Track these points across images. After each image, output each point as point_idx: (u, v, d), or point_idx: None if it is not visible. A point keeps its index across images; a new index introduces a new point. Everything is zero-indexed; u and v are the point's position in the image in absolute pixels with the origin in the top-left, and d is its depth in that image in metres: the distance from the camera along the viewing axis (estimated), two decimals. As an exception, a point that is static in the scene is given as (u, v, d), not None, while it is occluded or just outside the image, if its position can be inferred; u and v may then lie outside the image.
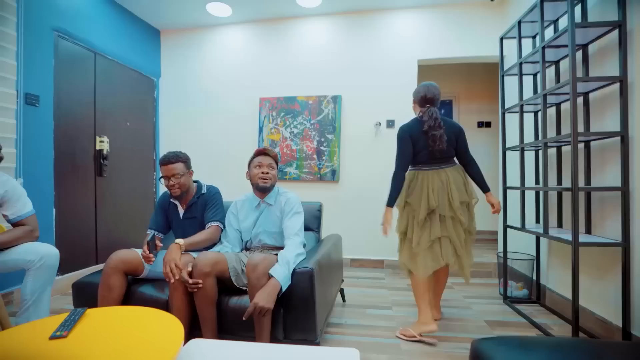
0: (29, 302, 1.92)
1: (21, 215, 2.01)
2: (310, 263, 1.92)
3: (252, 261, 1.81)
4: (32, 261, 1.94)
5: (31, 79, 2.80)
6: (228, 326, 1.90)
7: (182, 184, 2.15)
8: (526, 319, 2.55)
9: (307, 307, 1.84)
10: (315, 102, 4.01)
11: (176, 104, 4.43)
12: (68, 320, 1.38)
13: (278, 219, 2.16)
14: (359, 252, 3.96)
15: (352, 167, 4.00)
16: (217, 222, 2.18)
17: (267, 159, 2.19)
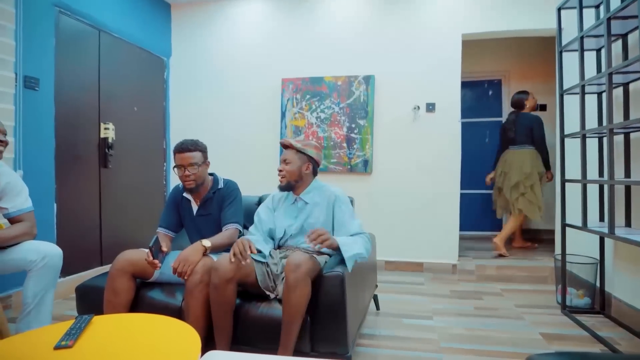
0: (31, 306, 1.95)
1: (21, 209, 2.05)
2: (340, 266, 1.89)
3: (293, 260, 1.77)
4: (34, 261, 1.96)
5: (31, 60, 2.84)
6: (247, 337, 1.89)
7: (198, 176, 2.14)
8: (588, 331, 2.51)
9: (337, 315, 1.81)
10: (345, 84, 3.98)
11: (188, 86, 4.45)
12: (73, 328, 1.38)
13: (320, 218, 2.12)
14: (395, 253, 3.95)
15: (386, 156, 3.97)
16: (236, 224, 2.16)
17: (286, 152, 2.17)
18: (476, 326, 2.59)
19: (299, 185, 2.17)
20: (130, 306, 1.96)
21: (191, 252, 1.92)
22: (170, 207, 2.31)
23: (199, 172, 2.14)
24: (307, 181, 2.18)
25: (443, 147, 3.87)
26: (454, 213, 3.85)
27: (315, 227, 2.07)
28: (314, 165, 2.20)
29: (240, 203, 2.25)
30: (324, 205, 2.14)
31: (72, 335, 1.32)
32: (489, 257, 3.99)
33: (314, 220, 2.13)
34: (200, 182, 2.16)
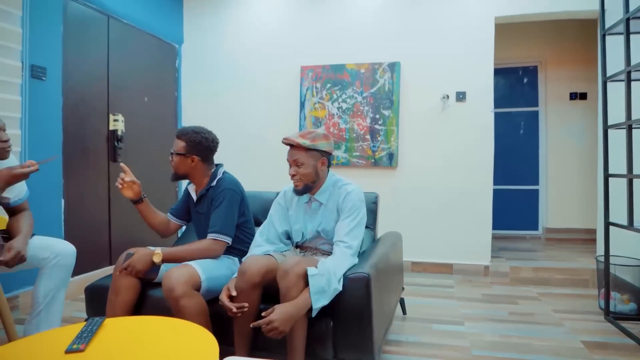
0: (41, 306, 1.98)
1: (22, 197, 2.10)
2: (365, 267, 1.86)
3: (283, 265, 1.76)
4: (47, 258, 1.99)
5: (38, 48, 2.87)
6: (266, 342, 1.87)
7: (175, 165, 2.15)
8: (635, 340, 2.46)
9: (361, 320, 1.79)
10: (369, 71, 3.96)
11: (201, 75, 4.48)
12: (85, 331, 1.39)
13: (331, 223, 2.06)
14: (422, 253, 3.93)
15: (413, 149, 3.95)
16: (217, 234, 2.06)
17: (293, 153, 2.02)
18: (511, 333, 2.56)
19: (316, 185, 2.06)
20: (134, 307, 1.98)
21: (137, 258, 1.93)
22: (183, 196, 2.36)
23: (175, 161, 2.14)
24: (323, 178, 2.07)
25: (474, 139, 3.82)
26: (486, 210, 3.80)
27: (328, 233, 2.06)
28: (328, 158, 2.07)
29: (229, 207, 2.10)
30: (335, 205, 2.05)
31: (84, 338, 1.33)
32: (524, 258, 3.93)
33: (327, 224, 2.06)
34: (179, 173, 2.17)
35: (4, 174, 1.84)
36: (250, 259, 1.85)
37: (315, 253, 2.11)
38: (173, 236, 2.70)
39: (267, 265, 1.85)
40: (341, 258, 1.88)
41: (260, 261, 1.85)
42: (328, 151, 2.03)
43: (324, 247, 2.10)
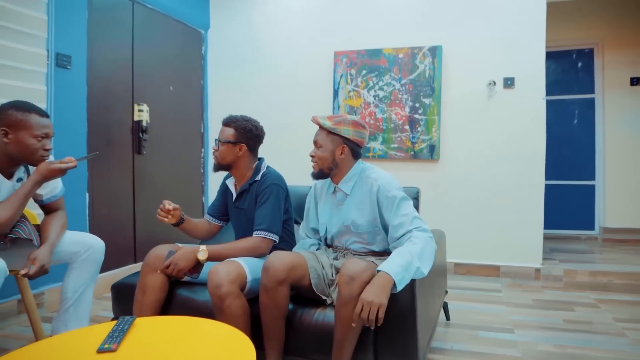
0: (70, 302, 2.04)
1: (55, 195, 2.14)
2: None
3: (348, 270, 1.72)
4: (78, 253, 2.06)
5: (63, 36, 2.94)
6: (298, 346, 1.88)
7: (220, 155, 2.16)
8: None
9: (406, 326, 1.76)
10: (408, 56, 3.92)
11: (228, 62, 4.52)
12: (116, 330, 1.42)
13: (365, 212, 2.02)
14: (466, 254, 3.88)
15: (456, 140, 3.90)
16: (264, 231, 2.08)
17: (316, 133, 2.05)
18: (567, 343, 2.49)
19: (335, 173, 2.04)
20: (162, 306, 2.01)
21: (180, 256, 1.94)
22: (219, 193, 2.38)
23: (220, 150, 2.15)
24: (345, 167, 2.04)
25: (524, 129, 3.73)
26: (537, 208, 3.71)
27: (360, 227, 2.01)
28: (353, 148, 2.03)
29: (276, 203, 2.12)
30: (366, 197, 2.01)
31: (115, 338, 1.36)
32: (579, 260, 3.83)
33: (357, 217, 2.01)
34: (223, 163, 2.17)
35: (42, 169, 1.89)
36: (274, 254, 1.85)
37: (345, 254, 2.08)
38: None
39: (292, 262, 1.84)
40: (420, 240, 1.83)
41: (285, 257, 1.85)
42: (353, 140, 2.00)
43: (355, 247, 2.07)
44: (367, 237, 2.03)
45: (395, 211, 1.92)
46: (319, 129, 2.04)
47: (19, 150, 1.86)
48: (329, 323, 1.82)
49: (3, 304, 2.63)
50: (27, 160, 1.92)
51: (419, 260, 1.76)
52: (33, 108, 1.90)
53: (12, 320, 2.70)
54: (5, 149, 1.86)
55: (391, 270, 1.68)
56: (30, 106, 1.90)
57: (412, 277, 1.73)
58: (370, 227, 2.00)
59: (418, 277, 1.76)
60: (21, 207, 1.87)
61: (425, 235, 1.87)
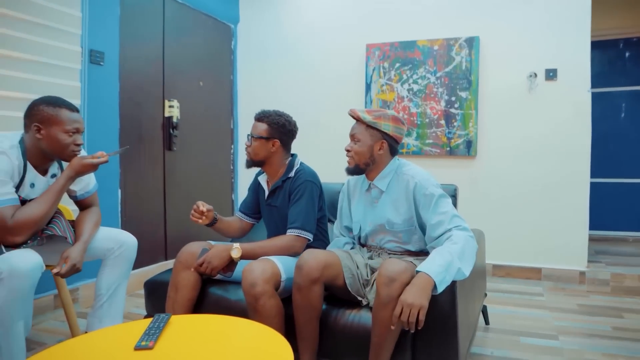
0: (104, 298, 2.10)
1: (89, 191, 2.20)
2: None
3: (387, 271, 1.71)
4: (111, 249, 2.11)
5: (96, 32, 3.03)
6: (332, 348, 1.88)
7: (252, 150, 2.17)
8: None
9: (446, 330, 1.74)
10: (443, 48, 3.89)
11: (257, 57, 4.55)
12: (152, 328, 1.45)
13: (401, 210, 2.00)
14: (505, 256, 3.82)
15: (495, 136, 3.85)
16: (298, 229, 2.09)
17: (354, 127, 2.04)
18: (617, 352, 2.41)
19: (371, 169, 2.03)
20: (194, 304, 2.04)
21: (214, 254, 1.96)
22: (251, 190, 2.40)
23: (253, 145, 2.16)
24: (382, 163, 2.02)
25: (568, 123, 3.64)
26: (582, 207, 3.61)
27: (395, 225, 1.99)
28: (391, 143, 2.02)
29: (310, 201, 2.13)
30: (402, 194, 1.99)
31: (152, 335, 1.39)
32: (628, 264, 3.71)
33: (393, 215, 2.00)
34: (255, 159, 2.18)
35: (74, 164, 1.94)
36: (307, 252, 1.85)
37: (380, 253, 2.07)
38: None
39: (326, 260, 1.84)
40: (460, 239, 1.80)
41: (319, 255, 1.84)
42: (393, 136, 1.99)
43: (390, 246, 2.05)
44: (402, 236, 2.01)
45: (433, 209, 1.89)
46: (357, 123, 2.02)
47: (51, 145, 1.91)
48: (364, 325, 1.81)
49: (40, 299, 2.73)
50: (59, 156, 1.97)
51: (459, 261, 1.73)
52: (63, 103, 1.94)
53: (49, 315, 2.80)
54: (39, 145, 1.91)
55: (431, 271, 1.66)
56: (60, 101, 1.94)
57: (453, 278, 1.71)
58: (406, 225, 1.98)
59: (459, 278, 1.73)
60: (55, 203, 1.92)
61: (466, 234, 1.84)
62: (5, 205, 1.78)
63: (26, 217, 1.82)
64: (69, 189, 2.09)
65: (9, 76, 2.50)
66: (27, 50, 2.58)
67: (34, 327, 2.61)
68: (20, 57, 2.55)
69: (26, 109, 1.91)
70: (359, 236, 2.16)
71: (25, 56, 2.57)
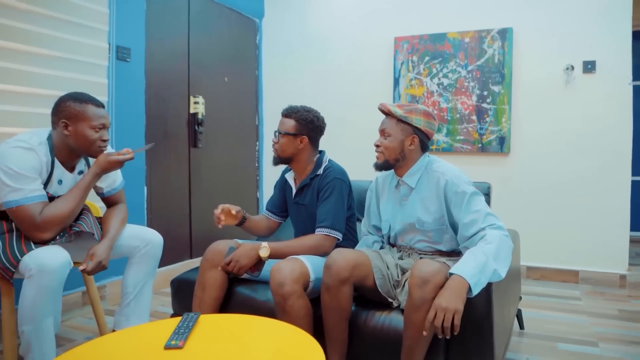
0: (131, 297, 2.14)
1: (115, 188, 2.24)
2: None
3: (420, 272, 1.69)
4: (137, 247, 2.15)
5: (123, 28, 3.09)
6: (361, 351, 1.87)
7: (280, 147, 2.17)
8: None
9: (481, 334, 1.72)
10: (474, 40, 3.84)
11: (283, 52, 4.57)
12: (181, 327, 1.47)
13: (431, 208, 1.98)
14: (540, 257, 3.77)
15: (529, 132, 3.79)
16: (327, 229, 2.09)
17: (384, 121, 2.04)
18: (663, 360, 2.35)
19: (401, 165, 2.01)
20: (221, 304, 2.06)
21: (242, 253, 1.96)
22: (277, 188, 2.41)
23: (280, 142, 2.15)
24: (412, 159, 2.01)
25: (607, 118, 3.56)
26: (622, 207, 3.53)
27: (425, 224, 1.97)
28: (422, 139, 2.00)
29: (340, 199, 2.13)
30: (433, 192, 1.97)
31: (181, 335, 1.41)
32: (672, 267, 3.60)
33: (423, 213, 1.98)
34: (283, 156, 2.18)
35: (101, 161, 1.98)
36: (336, 252, 1.85)
37: (410, 253, 2.06)
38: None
39: (355, 260, 1.83)
40: (494, 239, 1.77)
41: (348, 255, 1.84)
42: (424, 131, 1.98)
43: (420, 246, 2.03)
44: (433, 236, 2.00)
45: (465, 208, 1.86)
46: (387, 117, 2.01)
47: (77, 142, 1.94)
48: (395, 328, 1.80)
49: (68, 296, 2.80)
50: (86, 152, 2.00)
51: (495, 262, 1.70)
52: (89, 99, 1.97)
53: (77, 312, 2.87)
54: (66, 142, 1.95)
55: (465, 273, 1.63)
56: (86, 97, 1.97)
57: (488, 280, 1.68)
58: (437, 224, 1.97)
59: (495, 279, 1.70)
60: (82, 199, 1.96)
61: (500, 233, 1.81)
62: (33, 202, 1.82)
63: (53, 213, 1.86)
64: (95, 186, 2.13)
65: (37, 73, 2.56)
66: (55, 47, 2.64)
67: (63, 324, 2.68)
68: (48, 54, 2.61)
69: (53, 106, 1.95)
70: (388, 235, 2.14)
71: (53, 53, 2.63)
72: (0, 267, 1.81)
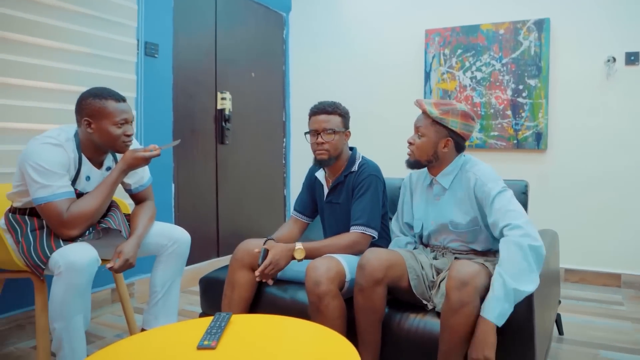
0: (159, 295, 2.16)
1: (143, 184, 2.26)
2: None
3: (458, 273, 1.66)
4: (165, 246, 2.17)
5: (151, 24, 3.14)
6: (395, 354, 1.86)
7: (333, 146, 2.12)
8: None
9: (522, 340, 1.69)
10: (509, 32, 3.78)
11: (310, 46, 4.57)
12: (213, 327, 1.47)
13: (465, 210, 1.95)
14: (579, 260, 3.70)
15: (567, 127, 3.72)
16: (363, 227, 2.07)
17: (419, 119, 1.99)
18: None
19: (434, 165, 1.99)
20: (251, 304, 2.07)
21: (280, 255, 1.95)
22: (305, 188, 2.38)
23: (334, 141, 2.11)
24: (447, 160, 1.98)
25: (653, 113, 3.48)
26: (668, 207, 3.44)
27: (459, 226, 1.94)
28: (458, 141, 1.96)
29: (375, 196, 2.12)
30: (465, 193, 1.94)
31: (214, 335, 1.42)
32: None
33: (456, 215, 1.95)
34: (335, 154, 2.14)
35: (127, 157, 2.00)
36: (370, 251, 1.83)
37: (444, 253, 2.03)
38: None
39: (389, 260, 1.82)
40: (509, 250, 1.71)
41: (382, 254, 1.82)
42: (460, 133, 1.93)
43: (454, 245, 2.01)
44: (467, 237, 1.98)
45: (490, 207, 1.84)
46: (423, 115, 1.98)
47: (102, 138, 1.95)
48: (430, 331, 1.78)
49: (98, 293, 2.85)
50: (111, 148, 2.02)
51: (513, 280, 1.63)
52: (109, 94, 1.96)
53: (106, 309, 2.93)
54: (91, 138, 1.96)
55: (489, 314, 1.61)
56: (106, 93, 1.96)
57: (513, 303, 1.64)
58: (471, 226, 1.94)
59: (521, 298, 1.65)
60: (108, 196, 1.98)
61: (515, 235, 1.71)
62: (61, 198, 1.85)
63: (80, 210, 1.88)
64: (123, 182, 2.16)
65: (66, 69, 2.61)
66: (85, 44, 2.69)
67: (93, 320, 2.73)
68: (77, 51, 2.66)
69: (75, 104, 1.97)
70: (421, 235, 2.12)
71: (82, 49, 2.68)
72: (31, 264, 1.85)
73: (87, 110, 1.93)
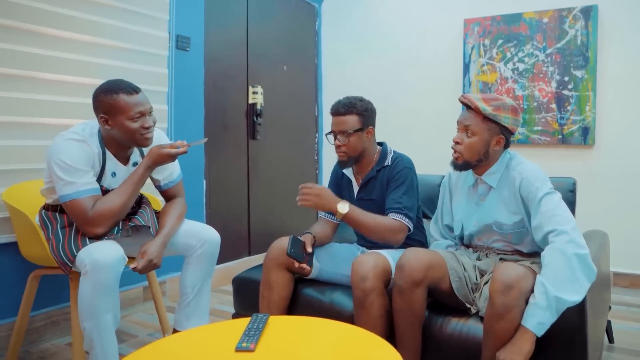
0: (190, 297, 2.17)
1: (173, 180, 2.24)
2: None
3: (503, 276, 1.63)
4: (194, 247, 2.15)
5: (183, 17, 3.17)
6: (434, 357, 1.84)
7: (350, 147, 2.09)
8: None
9: (573, 346, 1.65)
10: (554, 20, 3.70)
11: (343, 38, 4.56)
12: (251, 328, 1.47)
13: (511, 210, 1.91)
14: (630, 263, 3.61)
15: (617, 121, 3.63)
16: (401, 215, 2.03)
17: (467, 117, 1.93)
18: None
19: (481, 165, 1.94)
20: (288, 304, 2.06)
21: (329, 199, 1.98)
22: (332, 186, 2.35)
23: (350, 142, 2.08)
24: (495, 157, 1.93)
25: None
26: None
27: (504, 227, 1.90)
28: (508, 138, 1.91)
29: (411, 189, 2.09)
30: (511, 192, 1.89)
31: (252, 337, 1.42)
32: None
33: (502, 215, 1.91)
34: (354, 155, 2.12)
35: (153, 153, 1.97)
36: (409, 251, 1.81)
37: (488, 253, 2.00)
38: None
39: (430, 260, 1.79)
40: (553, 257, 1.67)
41: (421, 254, 1.80)
42: (510, 129, 1.89)
43: (498, 246, 1.97)
44: (512, 238, 1.94)
45: (535, 209, 1.80)
46: (470, 112, 1.90)
47: (120, 134, 1.93)
48: (474, 337, 1.75)
49: (129, 290, 2.91)
50: (132, 143, 1.99)
51: (555, 288, 1.58)
52: (119, 87, 1.91)
53: (138, 307, 2.98)
54: (111, 134, 1.95)
55: (527, 322, 1.58)
56: (117, 86, 1.91)
57: (555, 313, 1.59)
58: (517, 227, 1.91)
59: (564, 308, 1.60)
60: (134, 193, 1.96)
61: (561, 242, 1.67)
62: (86, 195, 1.84)
63: (105, 208, 1.87)
64: (152, 178, 2.15)
65: (98, 63, 2.65)
66: (116, 37, 2.73)
67: (125, 318, 2.77)
68: (109, 44, 2.71)
69: (92, 101, 1.95)
70: (461, 236, 2.09)
71: (114, 43, 2.72)
72: (60, 262, 1.86)
73: (101, 107, 1.90)
